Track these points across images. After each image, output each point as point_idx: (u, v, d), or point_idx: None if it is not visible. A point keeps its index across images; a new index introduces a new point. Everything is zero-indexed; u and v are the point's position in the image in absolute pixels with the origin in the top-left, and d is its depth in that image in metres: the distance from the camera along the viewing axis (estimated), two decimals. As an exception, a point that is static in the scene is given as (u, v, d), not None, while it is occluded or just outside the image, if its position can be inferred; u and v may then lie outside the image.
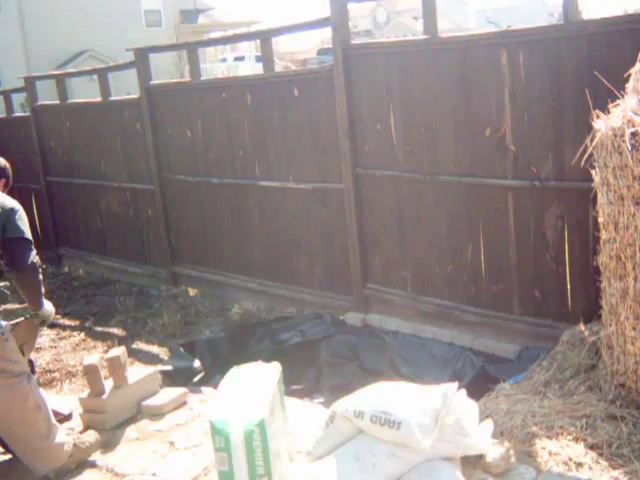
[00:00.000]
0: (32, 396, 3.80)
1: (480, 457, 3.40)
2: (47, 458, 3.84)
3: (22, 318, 4.11)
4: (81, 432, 4.30)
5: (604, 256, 3.63)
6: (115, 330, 6.62)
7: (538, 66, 4.44)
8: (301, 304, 6.30)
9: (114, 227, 8.30)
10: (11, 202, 3.82)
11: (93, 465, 4.05)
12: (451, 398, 3.30)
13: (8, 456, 4.20)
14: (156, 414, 4.46)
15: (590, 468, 3.27)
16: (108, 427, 4.41)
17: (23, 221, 3.77)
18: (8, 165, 4.19)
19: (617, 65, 3.88)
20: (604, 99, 3.70)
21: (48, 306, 3.97)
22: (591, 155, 3.61)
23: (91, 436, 4.11)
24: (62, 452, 3.88)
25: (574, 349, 4.15)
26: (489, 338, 5.03)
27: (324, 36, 37.93)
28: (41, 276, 3.83)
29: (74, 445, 3.96)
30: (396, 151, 5.35)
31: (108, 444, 4.25)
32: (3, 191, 4.00)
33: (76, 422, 4.46)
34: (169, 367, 5.53)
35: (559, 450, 3.38)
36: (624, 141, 3.33)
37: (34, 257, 3.71)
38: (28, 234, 3.75)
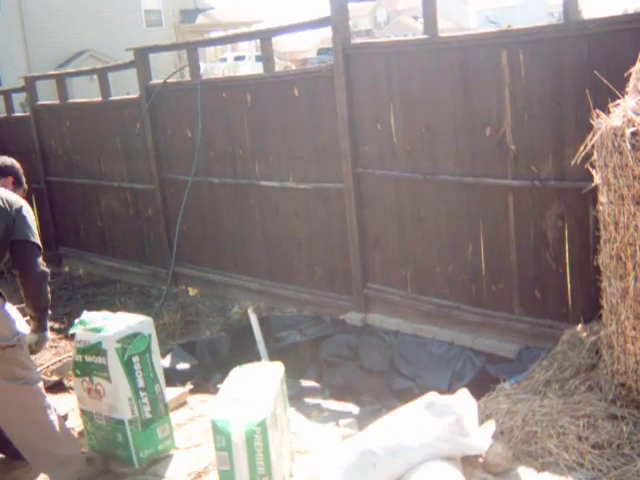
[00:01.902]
0: (47, 403, 3.78)
1: (481, 457, 3.40)
2: (64, 467, 3.74)
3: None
4: (81, 432, 4.31)
5: (604, 256, 3.63)
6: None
7: (538, 66, 4.44)
8: (301, 304, 6.29)
9: (114, 227, 8.30)
10: (18, 200, 3.78)
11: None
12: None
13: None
14: (156, 414, 4.46)
15: (591, 468, 3.28)
16: (108, 427, 4.40)
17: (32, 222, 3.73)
18: (16, 164, 4.12)
19: (617, 65, 3.87)
20: (604, 99, 3.70)
21: (46, 333, 3.85)
22: (591, 155, 3.61)
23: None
24: (76, 461, 3.81)
25: (574, 349, 4.15)
26: (489, 338, 5.03)
27: (324, 36, 37.93)
28: (48, 287, 3.73)
29: (86, 459, 3.92)
30: (396, 151, 5.35)
31: (108, 444, 4.25)
32: (14, 191, 3.95)
33: (77, 421, 4.46)
34: (186, 365, 5.52)
35: (560, 450, 3.38)
36: (624, 141, 3.33)
37: (42, 265, 3.68)
38: (37, 237, 3.71)
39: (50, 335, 6.16)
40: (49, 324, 3.94)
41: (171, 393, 4.62)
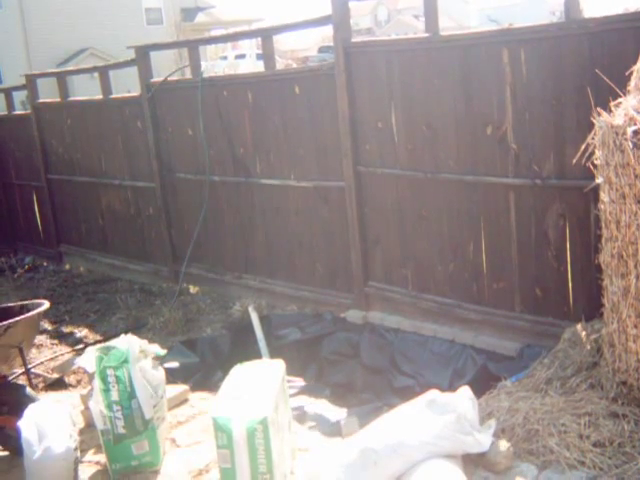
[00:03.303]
0: None
1: (482, 455, 3.40)
2: None
3: (20, 317, 4.11)
4: (82, 429, 4.31)
5: (606, 254, 3.63)
6: (116, 328, 6.61)
7: (539, 64, 4.43)
8: (302, 302, 6.30)
9: (115, 225, 8.30)
10: None
11: (96, 462, 4.06)
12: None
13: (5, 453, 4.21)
14: (157, 412, 4.45)
15: (592, 466, 3.27)
16: (109, 424, 4.40)
17: None
18: None
19: (619, 63, 3.88)
20: (606, 97, 3.70)
21: None
22: (593, 153, 3.61)
23: None
24: None
25: (576, 347, 4.15)
26: (490, 336, 5.03)
27: (325, 34, 37.84)
28: None
29: None
30: (397, 149, 5.35)
31: (109, 441, 4.25)
32: None
33: (78, 419, 4.47)
34: (175, 364, 5.51)
35: (561, 448, 3.38)
36: (626, 139, 3.32)
37: None
38: None
39: (51, 331, 6.14)
40: (49, 322, 3.94)
41: (172, 391, 4.62)
